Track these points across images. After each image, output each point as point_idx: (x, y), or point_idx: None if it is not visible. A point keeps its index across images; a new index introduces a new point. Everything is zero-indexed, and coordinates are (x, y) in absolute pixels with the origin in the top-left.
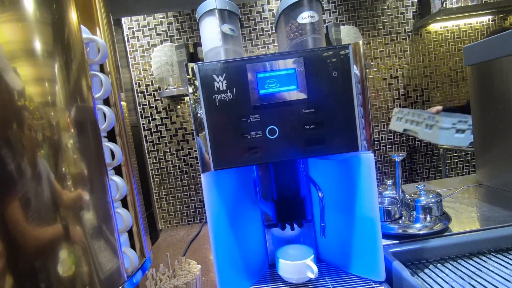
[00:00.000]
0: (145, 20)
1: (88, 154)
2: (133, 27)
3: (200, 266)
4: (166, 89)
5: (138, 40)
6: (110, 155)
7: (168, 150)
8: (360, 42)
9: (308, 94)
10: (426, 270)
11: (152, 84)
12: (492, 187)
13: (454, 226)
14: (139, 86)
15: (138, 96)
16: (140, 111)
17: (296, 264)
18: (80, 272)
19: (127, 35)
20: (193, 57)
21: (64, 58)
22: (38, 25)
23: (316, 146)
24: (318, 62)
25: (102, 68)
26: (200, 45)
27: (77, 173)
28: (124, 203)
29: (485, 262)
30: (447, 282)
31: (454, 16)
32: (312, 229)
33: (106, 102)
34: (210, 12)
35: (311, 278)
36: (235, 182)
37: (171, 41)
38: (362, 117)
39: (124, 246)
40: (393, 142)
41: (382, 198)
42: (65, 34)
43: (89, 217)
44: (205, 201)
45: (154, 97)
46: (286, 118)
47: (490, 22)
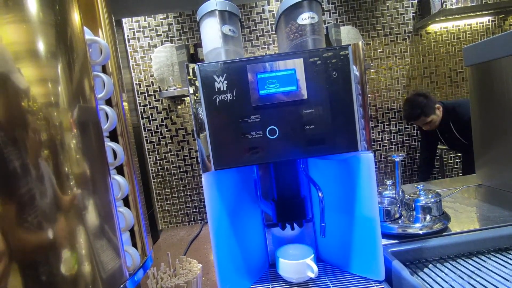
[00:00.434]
0: (145, 21)
1: (90, 154)
2: (133, 28)
3: (201, 265)
4: (166, 89)
5: (139, 41)
6: (112, 155)
7: (168, 150)
8: (359, 43)
9: (308, 95)
10: (426, 270)
11: (152, 84)
12: (491, 187)
13: (454, 226)
14: (140, 87)
15: (138, 96)
16: (140, 112)
17: (296, 263)
18: (82, 270)
19: (128, 36)
20: (193, 57)
21: (67, 59)
22: (42, 26)
23: (316, 146)
24: (318, 62)
25: (104, 68)
26: (200, 45)
27: (80, 172)
28: (126, 203)
29: (484, 261)
30: (447, 282)
31: (454, 16)
32: (312, 228)
33: (108, 102)
34: (210, 13)
35: (311, 278)
36: (236, 182)
37: (172, 42)
38: (362, 117)
39: (126, 245)
40: (393, 143)
41: (382, 198)
42: (68, 35)
43: (92, 215)
44: (205, 200)
45: (155, 97)
46: (286, 118)
47: (490, 23)
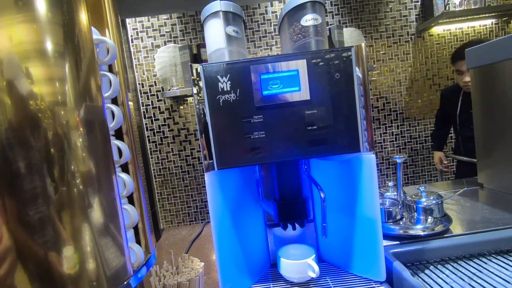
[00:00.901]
0: (149, 21)
1: (97, 152)
2: (137, 28)
3: (203, 264)
4: (169, 89)
5: (142, 41)
6: (117, 153)
7: (170, 150)
8: (362, 44)
9: (310, 96)
10: (427, 271)
11: (155, 84)
12: (493, 190)
13: (455, 228)
14: (143, 87)
15: (141, 96)
16: (143, 112)
17: (297, 263)
18: (87, 266)
19: (131, 36)
20: (196, 58)
21: (74, 58)
22: (50, 26)
23: (318, 146)
24: (321, 64)
25: (110, 68)
26: (203, 46)
27: (86, 170)
28: (130, 200)
29: (485, 263)
30: (448, 283)
31: (457, 19)
32: (313, 229)
33: (114, 101)
34: (214, 14)
35: (312, 278)
36: (238, 182)
37: (175, 42)
38: (364, 118)
39: (130, 242)
40: (395, 145)
41: (383, 199)
42: (75, 35)
43: (97, 213)
44: (208, 200)
45: (157, 97)
46: (289, 118)
47: (493, 26)
